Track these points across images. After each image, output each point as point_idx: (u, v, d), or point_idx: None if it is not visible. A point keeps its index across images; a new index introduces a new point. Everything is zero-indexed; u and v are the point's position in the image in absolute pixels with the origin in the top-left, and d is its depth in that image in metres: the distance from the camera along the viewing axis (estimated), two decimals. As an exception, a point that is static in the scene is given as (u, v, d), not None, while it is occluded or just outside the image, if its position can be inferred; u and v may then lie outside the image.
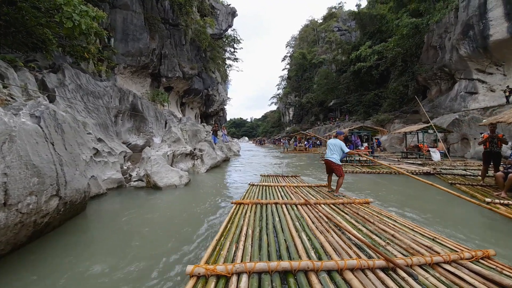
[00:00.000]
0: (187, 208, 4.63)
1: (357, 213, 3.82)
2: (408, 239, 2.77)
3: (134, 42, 17.64)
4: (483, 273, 2.07)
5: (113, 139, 7.64)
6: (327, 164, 5.52)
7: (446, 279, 2.06)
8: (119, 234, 3.46)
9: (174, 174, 6.01)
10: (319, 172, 9.43)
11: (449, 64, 21.45)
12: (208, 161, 9.09)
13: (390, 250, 2.53)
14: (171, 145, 8.88)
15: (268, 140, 63.47)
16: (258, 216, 3.65)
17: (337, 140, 5.53)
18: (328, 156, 5.44)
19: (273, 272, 2.08)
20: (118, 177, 5.71)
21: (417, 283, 1.96)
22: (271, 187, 5.96)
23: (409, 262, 2.21)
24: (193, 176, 8.17)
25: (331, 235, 2.90)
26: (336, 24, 59.32)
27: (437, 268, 2.21)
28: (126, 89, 9.68)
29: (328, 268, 2.11)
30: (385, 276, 2.05)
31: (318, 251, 2.48)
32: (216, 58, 34.48)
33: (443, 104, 21.97)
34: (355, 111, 36.02)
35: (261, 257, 2.37)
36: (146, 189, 5.97)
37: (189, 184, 6.47)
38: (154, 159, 6.04)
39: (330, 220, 3.44)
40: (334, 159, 5.35)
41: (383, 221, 3.39)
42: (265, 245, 2.63)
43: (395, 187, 6.94)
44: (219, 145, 13.77)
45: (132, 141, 9.85)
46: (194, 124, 10.58)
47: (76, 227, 3.59)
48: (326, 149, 5.60)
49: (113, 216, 4.14)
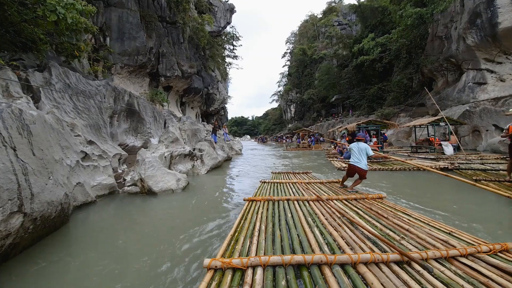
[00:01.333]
0: (184, 216, 4.18)
1: (370, 208, 3.81)
2: (423, 233, 2.75)
3: (130, 41, 17.18)
4: (501, 266, 2.04)
5: (107, 141, 7.20)
6: (353, 170, 5.13)
7: (463, 272, 2.03)
8: (104, 251, 3.00)
9: (171, 178, 5.54)
10: (338, 175, 8.41)
11: (456, 55, 20.73)
12: (208, 161, 8.63)
13: (404, 244, 2.52)
14: (168, 146, 8.42)
15: (270, 138, 62.89)
16: (271, 212, 3.68)
17: (362, 143, 5.18)
18: (355, 162, 5.05)
19: (287, 265, 2.10)
20: (109, 182, 5.24)
21: (432, 276, 1.94)
22: (283, 184, 5.99)
23: (424, 256, 2.19)
24: (193, 178, 7.71)
25: (344, 230, 2.90)
26: (336, 19, 58.52)
27: (453, 262, 2.19)
28: (121, 88, 9.22)
29: (341, 261, 2.12)
30: (400, 270, 2.04)
31: (331, 246, 2.49)
32: (215, 56, 33.91)
33: (451, 96, 21.31)
34: (358, 106, 35.37)
35: (275, 251, 2.39)
36: (140, 195, 5.48)
37: (187, 188, 6.01)
38: (149, 161, 5.58)
39: (342, 215, 3.43)
40: (364, 166, 5.00)
41: (397, 216, 3.38)
42: (278, 240, 2.66)
43: (413, 185, 6.44)
44: (220, 144, 13.25)
45: (130, 142, 9.42)
46: (193, 123, 10.09)
47: (54, 246, 3.06)
48: (352, 154, 5.18)
49: (99, 229, 3.64)
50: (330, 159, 11.90)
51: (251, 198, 4.37)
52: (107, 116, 8.36)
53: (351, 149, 5.20)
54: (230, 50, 40.78)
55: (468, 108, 14.94)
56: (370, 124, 12.28)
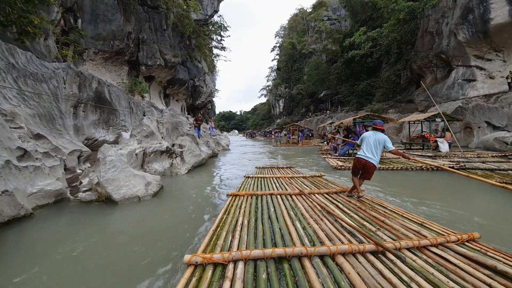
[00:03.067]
0: (146, 236, 3.05)
1: (349, 201, 3.94)
2: (398, 225, 2.88)
3: (105, 23, 15.56)
4: (468, 255, 2.17)
5: (63, 135, 6.01)
6: (360, 164, 4.04)
7: (433, 261, 2.14)
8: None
9: (138, 181, 4.46)
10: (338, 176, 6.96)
11: (446, 51, 20.64)
12: (189, 159, 7.59)
13: (380, 235, 2.61)
14: (142, 141, 7.27)
15: (259, 132, 62.01)
16: (254, 207, 3.69)
17: (380, 134, 4.03)
18: (366, 155, 3.94)
19: (268, 259, 2.13)
20: (55, 187, 4.05)
21: (405, 265, 2.04)
22: (266, 179, 5.96)
23: (397, 246, 2.30)
24: (171, 179, 6.64)
25: (324, 223, 2.97)
26: (325, 13, 58.15)
27: (425, 251, 2.30)
28: (88, 74, 7.91)
29: (320, 253, 2.18)
30: (375, 259, 2.13)
31: (312, 238, 2.55)
32: (202, 47, 32.25)
33: (440, 93, 21.26)
34: (347, 101, 35.25)
35: (257, 245, 2.40)
36: (96, 204, 4.29)
37: (159, 194, 4.89)
38: (110, 161, 4.46)
39: (323, 208, 3.50)
40: (376, 162, 3.94)
41: (374, 209, 3.50)
42: (260, 234, 2.68)
43: (419, 187, 5.74)
44: (205, 139, 12.10)
45: (99, 136, 8.19)
46: (174, 115, 8.89)
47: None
48: (362, 144, 4.11)
49: (20, 260, 2.51)
50: (324, 156, 11.20)
51: (234, 193, 4.36)
52: (69, 105, 7.10)
53: (364, 138, 4.09)
54: (218, 41, 39.11)
55: (460, 105, 14.73)
56: (368, 119, 11.52)
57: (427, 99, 22.13)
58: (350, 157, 10.16)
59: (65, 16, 14.29)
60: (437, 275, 1.90)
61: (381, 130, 4.10)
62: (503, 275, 1.86)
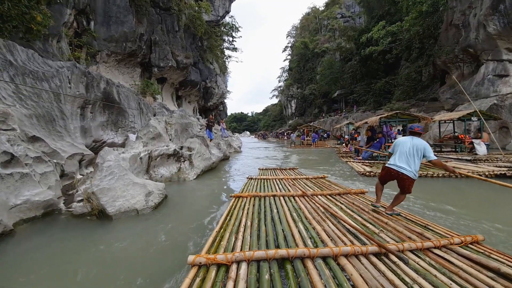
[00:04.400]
0: (131, 268, 2.45)
1: (352, 203, 3.91)
2: (401, 226, 2.86)
3: (117, 25, 15.46)
4: (471, 257, 2.14)
5: (63, 137, 5.60)
6: (390, 176, 3.37)
7: (436, 263, 2.12)
8: None
9: (138, 191, 3.86)
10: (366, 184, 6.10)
11: (474, 44, 19.04)
12: (199, 163, 7.07)
13: (383, 237, 2.59)
14: (148, 144, 6.79)
15: (271, 134, 61.21)
16: (257, 208, 3.69)
17: (418, 139, 3.30)
18: (397, 165, 3.26)
19: (271, 260, 2.12)
20: (45, 197, 3.50)
21: (407, 267, 2.01)
22: (269, 180, 5.98)
23: (400, 248, 2.28)
24: (178, 186, 6.06)
25: (327, 225, 2.96)
26: (339, 11, 56.81)
27: (428, 253, 2.28)
28: (96, 74, 7.55)
29: (323, 254, 2.18)
30: (377, 261, 2.12)
31: (315, 240, 2.55)
32: (213, 48, 32.01)
33: (468, 90, 19.54)
34: (362, 101, 33.75)
35: (260, 247, 2.41)
36: (88, 218, 3.65)
37: (162, 205, 4.24)
38: (108, 166, 3.89)
39: (326, 210, 3.47)
40: (412, 173, 3.20)
41: (378, 210, 3.44)
42: (263, 235, 2.69)
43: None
44: (216, 141, 11.47)
45: (108, 138, 7.83)
46: (183, 116, 8.35)
47: None
48: (395, 152, 3.41)
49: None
50: (345, 160, 10.08)
51: (238, 194, 4.35)
52: (75, 106, 6.73)
53: (399, 145, 3.37)
54: (230, 42, 38.78)
55: (495, 102, 13.32)
56: (396, 117, 10.15)
57: (454, 97, 20.53)
58: (376, 160, 9.20)
59: (77, 19, 14.28)
60: (440, 277, 1.89)
61: (418, 134, 3.38)
62: (506, 278, 1.84)
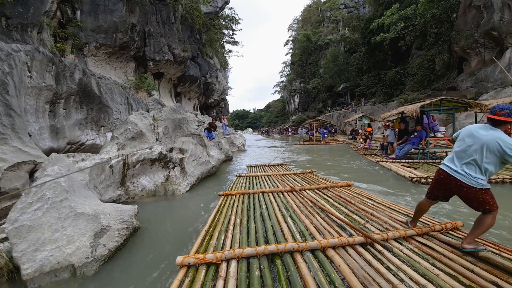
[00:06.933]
0: None
1: (339, 195, 3.96)
2: (385, 216, 2.91)
3: (106, 14, 14.08)
4: (452, 243, 2.21)
5: (6, 140, 4.26)
6: (442, 183, 2.25)
7: (419, 250, 2.19)
8: None
9: (81, 229, 2.40)
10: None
11: (499, 26, 17.44)
12: (193, 169, 5.54)
13: (368, 227, 2.65)
14: (125, 146, 5.35)
15: (274, 130, 59.75)
16: (246, 205, 3.69)
17: (497, 132, 2.03)
18: (452, 168, 2.17)
19: (261, 256, 2.14)
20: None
21: (392, 255, 2.08)
22: (258, 177, 5.95)
23: (385, 237, 2.33)
24: (164, 203, 4.44)
25: (315, 218, 3.00)
26: (342, 1, 55.08)
27: (411, 241, 2.35)
28: (70, 62, 6.22)
29: (312, 247, 2.22)
30: (364, 251, 2.17)
31: (303, 233, 2.60)
32: (213, 42, 30.54)
33: (491, 77, 18.08)
34: (370, 93, 32.15)
35: (250, 243, 2.41)
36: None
37: (125, 250, 2.70)
38: (34, 193, 2.43)
39: (314, 204, 3.53)
40: (474, 180, 2.05)
41: (363, 202, 3.54)
42: (253, 232, 2.70)
43: None
44: (216, 139, 9.82)
45: (87, 139, 6.56)
46: (177, 111, 6.71)
47: None
48: (454, 147, 2.26)
49: None
50: (376, 160, 8.11)
51: (226, 192, 4.29)
52: (42, 100, 5.43)
53: (463, 136, 2.19)
54: (230, 36, 37.19)
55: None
56: (440, 105, 7.86)
57: (476, 85, 18.95)
58: (414, 159, 7.59)
59: (61, 7, 12.86)
60: (423, 263, 1.97)
61: (503, 123, 2.03)
62: (484, 261, 1.92)
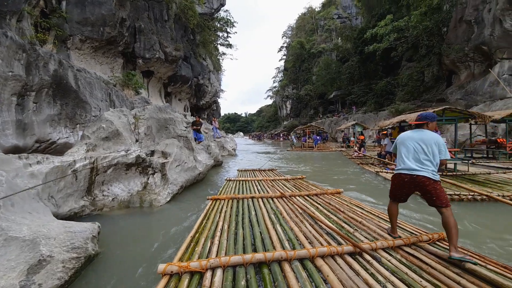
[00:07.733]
0: None
1: (329, 203, 3.92)
2: (374, 225, 2.89)
3: (94, 6, 13.33)
4: (438, 253, 2.22)
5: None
6: (401, 185, 2.51)
7: (407, 260, 2.18)
8: None
9: (11, 261, 1.77)
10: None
11: (489, 41, 17.89)
12: (176, 176, 4.91)
13: (357, 236, 2.63)
14: (97, 146, 4.67)
15: (265, 135, 59.48)
16: (235, 211, 3.60)
17: (429, 133, 2.48)
18: (411, 167, 2.41)
19: (248, 265, 2.07)
20: None
21: (381, 265, 2.06)
22: (248, 182, 5.88)
23: (373, 246, 2.31)
24: (138, 217, 3.83)
25: (304, 226, 2.96)
26: (336, 11, 56.09)
27: (399, 251, 2.33)
28: (44, 51, 5.53)
29: (300, 256, 2.17)
30: (352, 260, 2.15)
31: (292, 241, 2.54)
32: (207, 43, 30.01)
33: (480, 90, 18.47)
34: (361, 102, 32.46)
35: (237, 251, 2.34)
36: None
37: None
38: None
39: (304, 211, 3.48)
40: (429, 172, 2.33)
41: (352, 210, 3.52)
42: (240, 239, 2.63)
43: None
44: (205, 143, 9.11)
45: (59, 137, 5.85)
46: (162, 110, 5.95)
47: None
48: (402, 151, 2.55)
49: None
50: (376, 170, 7.78)
51: (215, 197, 4.20)
52: (8, 92, 4.73)
53: (399, 142, 2.62)
54: (224, 38, 36.81)
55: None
56: (443, 115, 7.76)
57: (465, 98, 19.30)
58: None
59: (43, -4, 11.98)
60: (411, 274, 1.94)
61: (421, 125, 2.57)
62: (470, 273, 1.91)
